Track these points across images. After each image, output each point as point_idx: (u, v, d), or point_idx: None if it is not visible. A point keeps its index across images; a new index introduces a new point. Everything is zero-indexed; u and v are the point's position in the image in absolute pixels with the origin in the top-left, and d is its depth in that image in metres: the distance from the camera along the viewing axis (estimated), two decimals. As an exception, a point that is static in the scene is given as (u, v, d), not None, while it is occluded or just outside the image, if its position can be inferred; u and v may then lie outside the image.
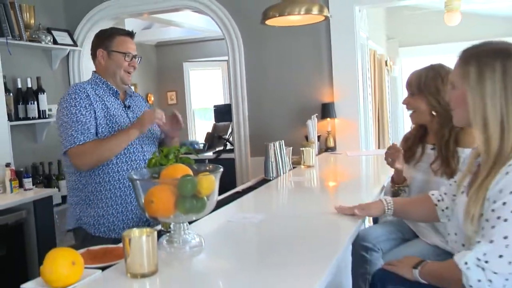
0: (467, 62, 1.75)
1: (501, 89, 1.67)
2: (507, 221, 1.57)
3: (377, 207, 2.28)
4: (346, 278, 2.73)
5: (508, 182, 1.60)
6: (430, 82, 2.59)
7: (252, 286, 1.58)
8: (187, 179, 1.77)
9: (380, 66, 7.53)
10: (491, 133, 1.69)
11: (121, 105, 2.82)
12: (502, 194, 1.60)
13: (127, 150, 2.72)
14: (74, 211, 2.75)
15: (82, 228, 2.73)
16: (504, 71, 1.68)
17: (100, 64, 2.81)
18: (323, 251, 1.86)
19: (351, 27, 4.92)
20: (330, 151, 4.93)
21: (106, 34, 2.83)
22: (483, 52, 1.74)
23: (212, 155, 6.62)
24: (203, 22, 7.72)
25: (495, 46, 1.75)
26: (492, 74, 1.68)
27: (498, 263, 1.56)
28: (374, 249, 2.55)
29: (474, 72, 1.71)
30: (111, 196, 2.70)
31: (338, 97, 4.98)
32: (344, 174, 4.01)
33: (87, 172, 2.68)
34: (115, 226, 2.70)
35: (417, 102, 2.65)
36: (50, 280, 1.55)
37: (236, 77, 5.24)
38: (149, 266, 1.62)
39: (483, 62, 1.71)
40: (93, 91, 2.72)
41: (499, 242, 1.57)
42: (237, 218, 2.43)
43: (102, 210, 2.69)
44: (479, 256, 1.59)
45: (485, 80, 1.69)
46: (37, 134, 5.06)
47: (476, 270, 1.59)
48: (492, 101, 1.68)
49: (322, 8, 3.33)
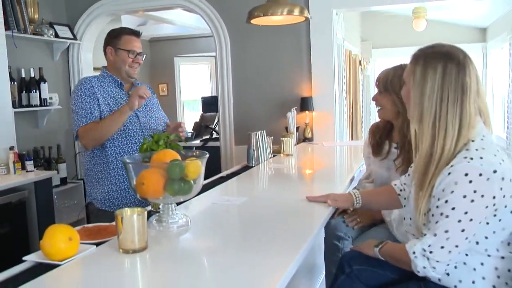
0: (417, 61, 1.76)
1: (439, 89, 1.68)
2: (448, 217, 1.61)
3: (347, 200, 2.28)
4: (320, 259, 2.74)
5: (449, 182, 1.62)
6: (396, 80, 2.49)
7: (234, 262, 1.59)
8: (176, 163, 1.77)
9: (355, 65, 7.55)
10: (424, 130, 1.71)
11: (126, 95, 2.89)
12: (444, 193, 1.63)
13: (129, 134, 2.82)
14: (88, 188, 2.92)
15: (92, 203, 2.88)
16: (444, 73, 1.68)
17: (109, 60, 2.93)
18: (298, 232, 1.87)
19: (329, 28, 4.91)
20: (307, 141, 4.94)
21: (115, 33, 2.94)
22: (431, 53, 1.75)
23: (199, 143, 6.60)
24: (193, 20, 7.68)
25: (442, 49, 1.76)
26: (433, 74, 1.69)
27: (440, 253, 1.63)
28: (345, 238, 2.55)
29: (420, 71, 1.72)
30: (116, 175, 2.81)
31: (316, 92, 4.99)
32: (320, 163, 4.03)
33: (97, 154, 2.81)
34: (119, 202, 2.81)
35: (383, 100, 2.57)
36: (49, 253, 1.56)
37: (222, 72, 5.23)
38: (140, 243, 1.63)
39: (428, 62, 1.72)
40: (99, 83, 2.84)
41: (441, 235, 1.63)
42: (221, 201, 2.44)
43: (108, 188, 2.81)
44: (424, 247, 1.65)
45: (427, 79, 1.70)
46: (39, 121, 5.03)
47: (422, 259, 1.66)
48: (429, 100, 1.69)
49: (302, 9, 3.33)
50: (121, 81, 2.90)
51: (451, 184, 1.61)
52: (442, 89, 1.68)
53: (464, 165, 1.61)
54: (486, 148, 1.65)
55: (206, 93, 9.43)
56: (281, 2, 3.27)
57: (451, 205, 1.61)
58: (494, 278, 1.70)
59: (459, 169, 1.61)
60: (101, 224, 1.97)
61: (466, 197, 1.59)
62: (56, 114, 5.11)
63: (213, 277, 1.50)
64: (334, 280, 2.02)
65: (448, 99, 1.67)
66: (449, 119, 1.67)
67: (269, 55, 5.11)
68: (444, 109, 1.67)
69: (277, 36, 5.01)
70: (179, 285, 1.41)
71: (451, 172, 1.63)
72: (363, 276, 1.96)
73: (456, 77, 1.68)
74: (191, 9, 5.25)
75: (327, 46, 4.94)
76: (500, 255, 1.69)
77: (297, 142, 4.68)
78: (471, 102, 1.69)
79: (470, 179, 1.59)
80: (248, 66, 5.19)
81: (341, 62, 5.77)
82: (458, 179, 1.60)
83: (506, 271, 1.70)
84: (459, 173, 1.61)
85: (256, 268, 1.52)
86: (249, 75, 5.19)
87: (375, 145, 2.73)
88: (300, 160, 3.97)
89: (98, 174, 2.83)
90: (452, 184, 1.61)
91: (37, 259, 1.59)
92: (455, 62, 1.70)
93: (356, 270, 1.97)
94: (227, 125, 5.28)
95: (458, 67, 1.69)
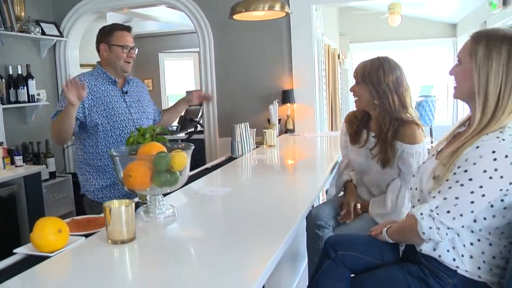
0: (478, 41, 1.71)
1: (504, 70, 1.66)
2: (463, 186, 1.60)
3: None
4: (303, 246, 2.75)
5: (474, 154, 1.61)
6: (373, 72, 2.50)
7: (220, 250, 1.59)
8: (162, 155, 1.76)
9: (334, 59, 7.55)
10: (489, 106, 1.68)
11: (119, 91, 2.87)
12: (466, 162, 1.62)
13: (120, 128, 2.79)
14: (81, 180, 2.88)
15: (85, 195, 2.86)
16: (509, 55, 1.66)
17: (103, 57, 2.88)
18: (282, 221, 1.86)
19: (309, 23, 4.91)
20: (289, 133, 4.94)
21: (107, 30, 2.90)
22: (494, 35, 1.71)
23: (184, 136, 6.56)
24: (177, 16, 7.62)
25: (504, 32, 1.72)
26: (498, 55, 1.66)
27: (445, 216, 1.62)
28: (325, 226, 2.56)
29: (483, 51, 1.68)
30: (108, 169, 2.79)
31: (296, 85, 4.98)
32: (302, 153, 4.03)
33: (89, 148, 2.79)
34: (111, 194, 2.80)
35: (361, 90, 2.57)
36: (39, 245, 1.54)
37: (206, 67, 5.20)
38: (128, 234, 1.61)
39: (492, 44, 1.68)
40: (92, 81, 2.78)
41: (451, 200, 1.62)
42: (206, 191, 2.43)
43: (101, 180, 2.79)
44: (432, 208, 1.65)
45: (491, 59, 1.67)
46: (27, 116, 4.97)
47: (428, 219, 1.65)
48: (495, 79, 1.67)
49: (283, 5, 3.33)
50: (115, 78, 2.86)
51: (475, 157, 1.60)
52: (507, 71, 1.66)
53: (494, 142, 1.60)
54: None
55: (190, 87, 9.39)
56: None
57: (469, 175, 1.60)
58: (480, 262, 1.71)
59: (488, 145, 1.60)
60: (90, 216, 1.96)
61: (486, 172, 1.58)
62: (44, 110, 5.04)
63: (200, 265, 1.49)
64: (319, 265, 2.02)
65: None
66: (510, 100, 1.66)
67: (251, 50, 5.09)
68: (507, 90, 1.66)
69: (259, 32, 5.00)
70: (167, 274, 1.40)
71: (479, 146, 1.62)
72: (347, 261, 1.97)
73: None
74: (175, 6, 5.21)
75: (307, 41, 4.93)
76: (489, 241, 1.70)
77: (279, 133, 4.68)
78: None
79: (495, 157, 1.58)
80: (231, 61, 5.16)
81: (320, 56, 5.76)
82: (484, 153, 1.59)
83: (491, 257, 1.70)
84: (487, 149, 1.60)
85: (241, 256, 1.52)
86: (232, 69, 5.17)
87: (353, 133, 2.73)
88: (282, 150, 3.97)
89: (91, 167, 2.81)
90: (476, 157, 1.60)
91: (27, 251, 1.57)
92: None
93: (341, 255, 1.97)
94: (211, 118, 5.26)
95: None
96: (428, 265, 1.78)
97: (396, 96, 2.50)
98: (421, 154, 2.48)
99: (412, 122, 2.51)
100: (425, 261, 1.79)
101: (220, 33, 5.12)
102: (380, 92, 2.50)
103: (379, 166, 2.56)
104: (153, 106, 3.09)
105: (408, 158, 2.49)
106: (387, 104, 2.50)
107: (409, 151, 2.48)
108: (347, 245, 2.01)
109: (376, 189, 2.68)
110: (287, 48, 4.98)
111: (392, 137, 2.50)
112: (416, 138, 2.49)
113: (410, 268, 1.83)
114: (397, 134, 2.50)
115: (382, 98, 2.51)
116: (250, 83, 5.12)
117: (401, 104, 2.51)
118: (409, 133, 2.49)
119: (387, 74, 2.49)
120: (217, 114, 5.24)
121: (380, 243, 2.02)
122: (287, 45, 4.98)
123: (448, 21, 10.25)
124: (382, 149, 2.53)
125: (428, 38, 10.31)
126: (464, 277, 1.72)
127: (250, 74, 5.12)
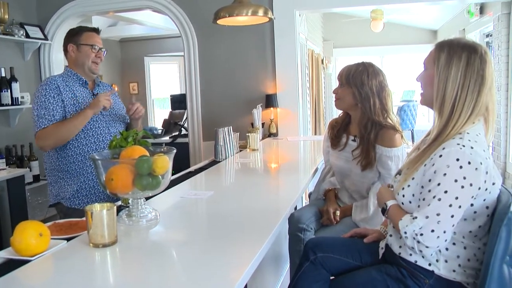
0: (441, 48, 1.77)
1: (461, 76, 1.71)
2: (441, 200, 1.62)
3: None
4: (286, 248, 2.75)
5: (441, 165, 1.64)
6: (357, 75, 2.56)
7: (202, 254, 1.58)
8: (144, 159, 1.75)
9: (317, 64, 7.58)
10: (445, 109, 1.73)
11: (90, 93, 2.83)
12: (436, 175, 1.65)
13: (95, 132, 2.74)
14: (53, 189, 2.79)
15: (61, 202, 2.77)
16: (468, 62, 1.71)
17: (71, 57, 2.84)
18: (264, 223, 1.87)
19: (292, 28, 4.92)
20: (272, 137, 4.95)
21: (75, 31, 2.87)
22: (456, 43, 1.76)
23: (168, 139, 6.55)
24: (162, 21, 7.61)
25: (466, 41, 1.78)
26: (458, 61, 1.72)
27: (430, 238, 1.63)
28: (307, 229, 2.56)
29: (444, 58, 1.74)
30: (83, 172, 2.72)
31: (280, 89, 4.99)
32: (285, 157, 4.04)
33: (62, 154, 2.71)
34: (88, 199, 2.73)
35: (344, 92, 2.61)
36: (19, 249, 1.52)
37: (190, 70, 5.19)
38: (110, 237, 1.61)
39: (453, 50, 1.74)
40: (64, 82, 2.74)
41: (433, 218, 1.63)
42: (189, 195, 2.42)
43: (77, 186, 2.72)
44: (416, 230, 1.65)
45: (451, 66, 1.72)
46: (11, 119, 4.92)
47: (411, 241, 1.67)
48: (453, 84, 1.72)
49: (266, 11, 3.33)
50: (85, 79, 2.82)
51: (443, 167, 1.63)
52: (465, 77, 1.71)
53: (456, 150, 1.63)
54: (478, 142, 1.68)
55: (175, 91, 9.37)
56: (246, 3, 3.27)
57: (443, 188, 1.62)
58: (455, 265, 1.73)
59: (451, 153, 1.63)
60: (72, 220, 1.93)
61: (457, 182, 1.61)
62: (28, 113, 4.97)
63: (182, 268, 1.49)
64: (299, 267, 2.02)
65: (468, 87, 1.71)
66: (465, 105, 1.71)
67: (235, 55, 5.10)
68: (463, 95, 1.71)
69: (243, 37, 5.01)
70: (149, 277, 1.39)
71: (442, 155, 1.65)
72: (326, 263, 1.98)
73: (478, 68, 1.71)
74: (160, 10, 5.20)
75: (290, 46, 4.95)
76: (464, 244, 1.72)
77: (262, 137, 4.68)
78: (485, 95, 1.72)
79: (461, 164, 1.61)
80: (215, 65, 5.16)
81: (304, 61, 5.78)
82: (450, 163, 1.62)
83: (466, 260, 1.73)
84: (451, 157, 1.63)
85: (223, 258, 1.52)
86: (216, 73, 5.17)
87: (334, 137, 2.77)
88: (266, 154, 3.97)
89: (63, 172, 2.73)
90: (444, 167, 1.63)
91: (8, 255, 1.55)
92: (478, 55, 1.73)
93: (320, 257, 1.99)
94: (195, 122, 5.25)
95: (480, 59, 1.72)
96: (407, 266, 1.80)
97: (377, 99, 2.55)
98: (399, 158, 2.52)
99: (391, 126, 2.55)
100: (404, 263, 1.80)
101: (204, 38, 5.12)
102: (363, 95, 2.55)
103: (359, 169, 2.59)
104: (123, 108, 3.00)
105: (387, 161, 2.53)
106: (368, 106, 2.54)
107: (387, 154, 2.52)
108: (326, 248, 2.02)
109: (357, 194, 2.71)
110: (271, 52, 5.00)
111: (373, 139, 2.55)
112: (395, 142, 2.53)
113: (389, 270, 1.84)
114: (377, 138, 2.55)
115: (364, 100, 2.55)
116: (234, 87, 5.13)
117: (382, 108, 2.55)
118: (388, 137, 2.53)
119: (371, 78, 2.55)
120: (201, 117, 5.23)
121: (359, 245, 2.03)
122: (270, 50, 4.99)
123: (429, 28, 10.36)
124: (364, 151, 2.57)
125: (409, 44, 10.42)
126: (441, 277, 1.74)
127: (234, 78, 5.12)
